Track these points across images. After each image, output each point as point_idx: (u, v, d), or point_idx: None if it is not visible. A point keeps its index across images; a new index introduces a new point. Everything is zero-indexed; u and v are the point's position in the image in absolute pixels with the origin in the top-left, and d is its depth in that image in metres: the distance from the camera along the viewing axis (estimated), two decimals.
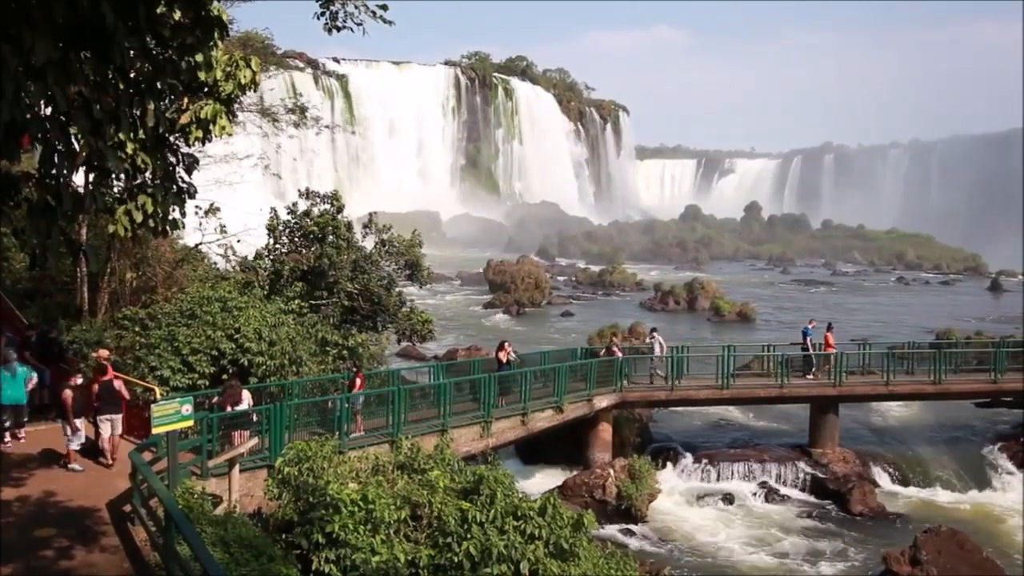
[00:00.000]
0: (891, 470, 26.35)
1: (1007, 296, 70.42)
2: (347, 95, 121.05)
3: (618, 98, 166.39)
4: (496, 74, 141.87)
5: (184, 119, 8.59)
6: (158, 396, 15.03)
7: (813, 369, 27.38)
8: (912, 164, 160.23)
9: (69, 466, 13.75)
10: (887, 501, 24.44)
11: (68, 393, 14.09)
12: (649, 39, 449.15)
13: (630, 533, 22.15)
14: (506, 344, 23.91)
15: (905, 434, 29.18)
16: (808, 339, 28.01)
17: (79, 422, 14.05)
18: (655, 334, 27.11)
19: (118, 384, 14.70)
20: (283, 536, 11.88)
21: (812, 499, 24.65)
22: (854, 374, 27.64)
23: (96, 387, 14.53)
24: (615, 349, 26.11)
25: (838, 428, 26.89)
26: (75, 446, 13.96)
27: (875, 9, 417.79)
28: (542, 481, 24.61)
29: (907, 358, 28.66)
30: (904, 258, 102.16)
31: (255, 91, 10.83)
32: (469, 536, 11.49)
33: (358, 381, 18.74)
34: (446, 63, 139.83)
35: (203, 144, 9.30)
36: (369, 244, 25.65)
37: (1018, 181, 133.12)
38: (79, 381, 14.70)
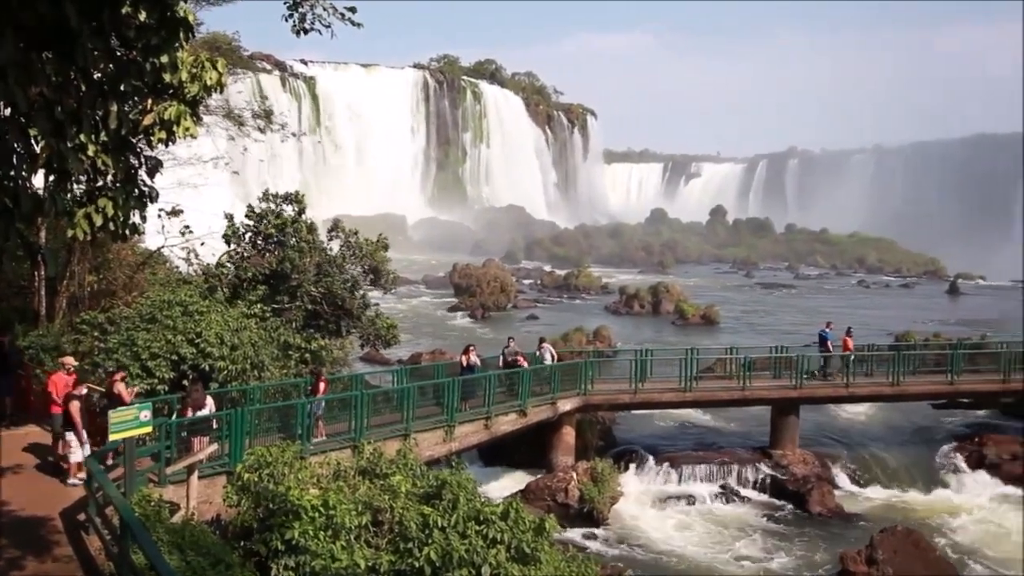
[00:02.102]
0: (850, 471, 26.71)
1: (965, 299, 71.66)
2: (315, 97, 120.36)
3: (586, 102, 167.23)
4: (465, 77, 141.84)
5: (147, 120, 8.52)
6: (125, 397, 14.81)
7: (830, 371, 27.89)
8: (876, 169, 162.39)
9: (69, 481, 13.44)
10: (846, 501, 24.78)
11: (76, 404, 13.85)
12: (617, 43, 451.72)
13: (592, 536, 22.25)
14: (470, 348, 23.95)
15: (864, 435, 29.59)
16: (829, 342, 28.49)
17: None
18: (544, 344, 25.83)
19: (117, 389, 14.56)
20: (241, 543, 11.82)
21: (772, 500, 24.91)
22: (814, 375, 28.06)
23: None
24: (519, 358, 24.74)
25: (798, 430, 27.22)
26: (78, 458, 13.61)
27: (843, 14, 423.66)
28: (505, 484, 24.65)
29: (866, 360, 29.09)
30: (865, 262, 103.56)
31: (221, 93, 10.78)
32: (430, 541, 11.50)
33: (321, 385, 18.67)
34: (415, 66, 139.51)
35: (167, 146, 9.24)
36: (335, 248, 25.55)
37: (976, 183, 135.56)
38: (84, 391, 14.47)
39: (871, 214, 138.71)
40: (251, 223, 24.28)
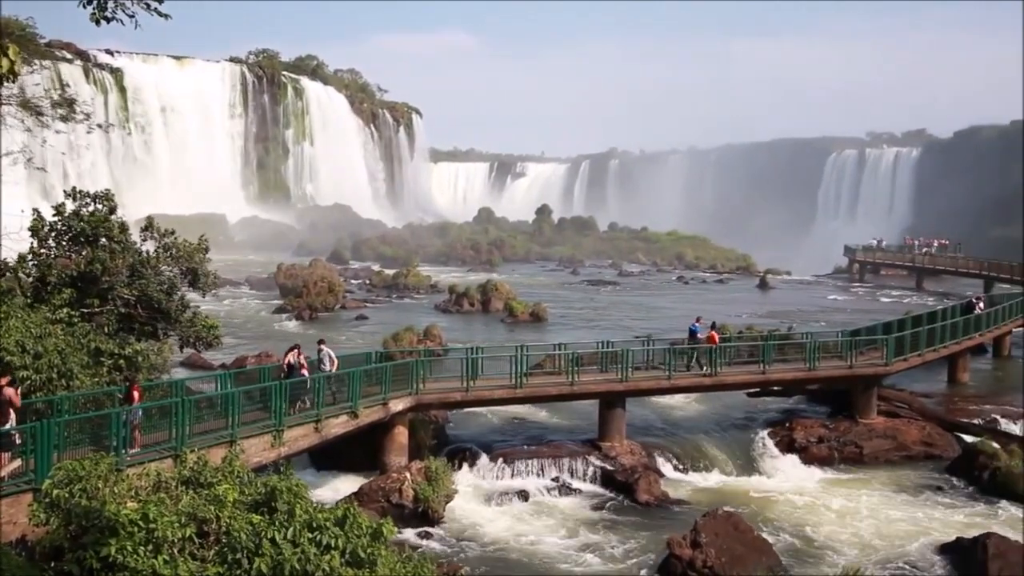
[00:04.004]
0: (673, 459, 27.77)
1: (773, 292, 76.24)
2: (122, 90, 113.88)
3: (411, 101, 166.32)
4: (285, 73, 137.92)
5: None
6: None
7: (700, 363, 29.18)
8: (690, 170, 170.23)
9: None
10: (671, 489, 25.74)
11: None
12: (439, 43, 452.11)
13: (428, 535, 22.12)
14: (294, 349, 23.32)
15: (686, 425, 30.90)
16: (697, 335, 29.86)
17: None
18: (323, 346, 24.55)
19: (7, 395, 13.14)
20: (52, 564, 10.96)
21: (602, 491, 25.55)
22: (639, 369, 29.06)
23: None
24: (302, 366, 23.34)
25: (625, 422, 28.08)
26: None
27: (656, 21, 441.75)
28: (338, 488, 24.15)
29: (686, 353, 30.38)
30: (684, 258, 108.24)
31: (14, 82, 9.91)
32: (261, 551, 11.03)
33: (135, 394, 17.62)
34: (231, 60, 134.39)
35: None
36: (150, 248, 24.22)
37: (781, 185, 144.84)
38: None
39: (687, 213, 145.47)
40: (58, 222, 22.64)
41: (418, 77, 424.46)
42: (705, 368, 29.20)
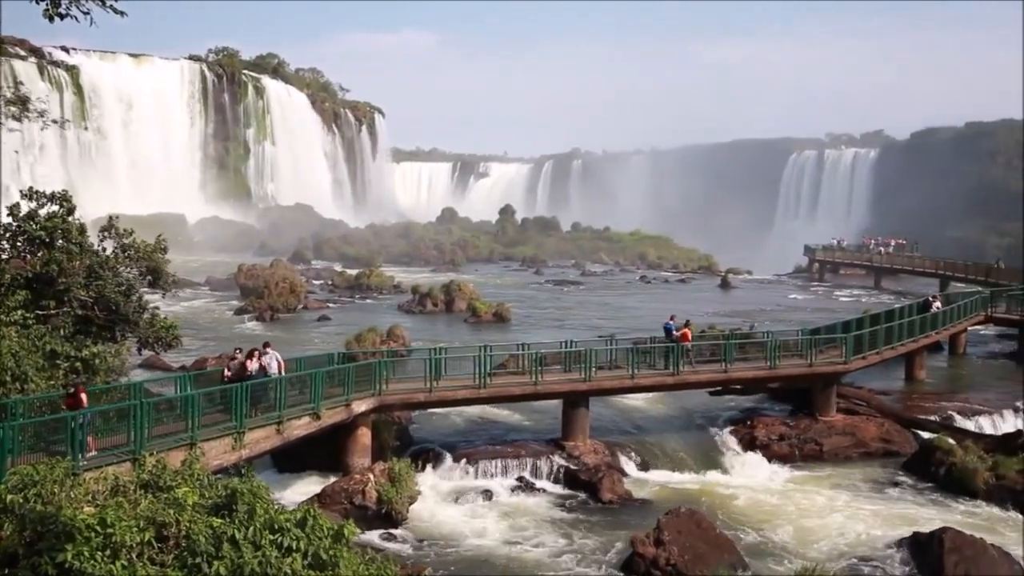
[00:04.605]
0: (636, 458, 27.90)
1: (735, 292, 76.95)
2: (78, 87, 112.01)
3: (373, 100, 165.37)
4: (246, 71, 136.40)
5: None
6: None
7: (675, 360, 29.36)
8: (652, 170, 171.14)
9: None
10: (634, 487, 25.86)
11: None
12: (401, 42, 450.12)
13: (391, 537, 22.04)
14: (256, 351, 23.08)
15: (649, 424, 31.06)
16: (672, 333, 30.05)
17: None
18: (268, 349, 23.46)
19: None
20: (6, 571, 10.75)
21: (566, 490, 25.61)
22: (603, 369, 29.16)
23: None
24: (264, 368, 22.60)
25: (589, 421, 28.17)
26: None
27: (623, 20, 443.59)
28: (300, 490, 23.96)
29: (650, 352, 30.56)
30: (646, 258, 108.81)
31: None
32: (221, 555, 10.90)
33: (82, 396, 17.35)
34: (190, 58, 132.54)
35: None
36: (108, 248, 23.86)
37: (742, 185, 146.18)
38: None
39: (649, 213, 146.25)
40: (15, 223, 22.22)
41: (380, 77, 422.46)
42: (683, 364, 29.46)
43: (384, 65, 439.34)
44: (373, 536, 21.70)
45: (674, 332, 30.41)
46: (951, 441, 27.65)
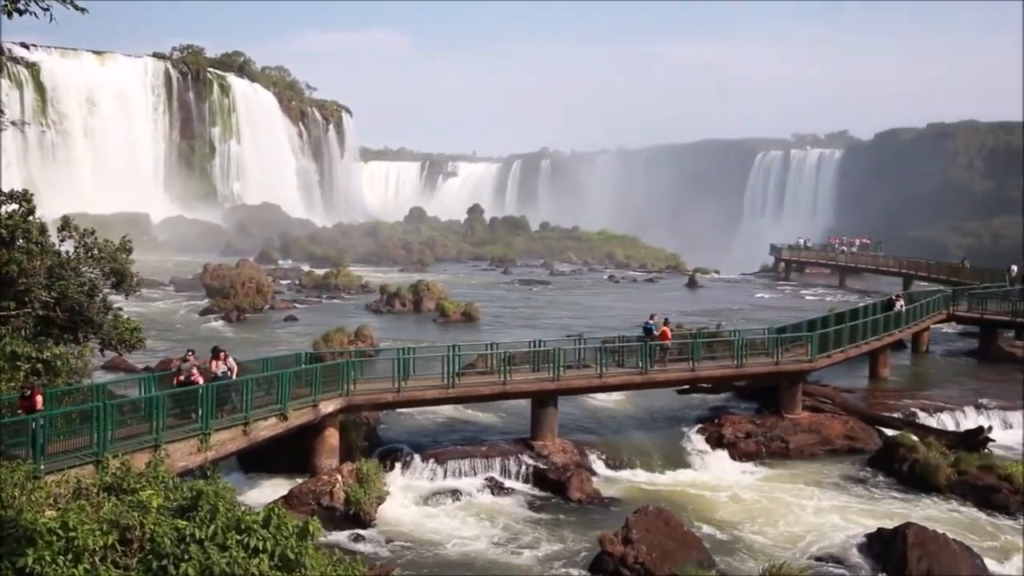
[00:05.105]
0: (605, 457, 27.97)
1: (702, 291, 77.41)
2: (39, 85, 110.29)
3: (341, 99, 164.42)
4: (211, 69, 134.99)
5: None
6: None
7: (657, 358, 29.72)
8: (619, 170, 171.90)
9: None
10: (603, 486, 25.94)
11: None
12: (369, 41, 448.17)
13: (359, 538, 21.93)
14: (223, 352, 22.87)
15: (618, 423, 31.17)
16: (653, 332, 30.30)
17: None
18: (223, 355, 22.89)
19: None
20: None
21: (535, 490, 25.63)
22: (571, 368, 29.20)
23: None
24: (195, 374, 21.91)
25: (558, 420, 28.21)
26: None
27: (591, 21, 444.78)
28: (267, 492, 23.77)
29: (618, 351, 30.67)
30: (614, 257, 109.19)
31: None
32: (187, 556, 10.79)
33: (38, 399, 17.10)
34: (155, 55, 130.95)
35: None
36: (69, 248, 23.49)
37: (709, 185, 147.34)
38: None
39: (617, 212, 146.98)
40: None
41: (348, 76, 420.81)
42: (654, 364, 29.65)
43: (352, 64, 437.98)
44: (341, 537, 21.59)
45: (654, 331, 30.58)
46: (914, 438, 28.06)
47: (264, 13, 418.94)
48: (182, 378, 21.71)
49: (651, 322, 31.19)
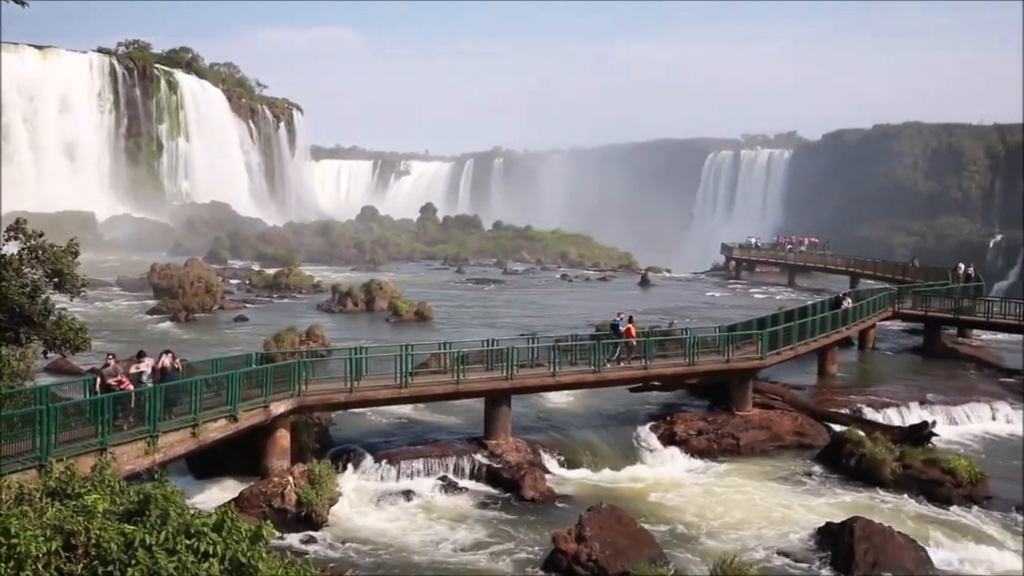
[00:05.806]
0: (558, 455, 28.05)
1: (655, 289, 77.98)
2: None
3: (292, 97, 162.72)
4: (158, 65, 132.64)
5: None
6: None
7: (622, 356, 30.10)
8: (572, 169, 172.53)
9: None
10: (556, 485, 26.00)
11: None
12: (320, 38, 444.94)
13: (312, 540, 21.72)
14: (170, 352, 22.48)
15: (570, 421, 31.25)
16: (619, 329, 30.93)
17: None
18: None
19: None
20: None
21: (489, 489, 25.60)
22: (525, 367, 29.21)
23: None
24: (122, 380, 21.05)
25: (511, 419, 28.20)
26: None
27: (545, 20, 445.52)
28: (217, 495, 23.42)
29: (571, 350, 30.75)
30: (567, 256, 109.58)
31: None
32: (134, 562, 10.57)
33: None
34: (99, 50, 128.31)
35: None
36: (12, 249, 22.89)
37: (660, 184, 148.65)
38: None
39: (570, 211, 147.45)
40: None
41: (299, 74, 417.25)
42: (623, 360, 30.16)
43: (303, 62, 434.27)
44: (293, 539, 21.37)
45: (620, 328, 30.87)
46: (861, 433, 28.58)
47: (214, 10, 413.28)
48: (111, 382, 20.93)
49: (618, 319, 31.49)
